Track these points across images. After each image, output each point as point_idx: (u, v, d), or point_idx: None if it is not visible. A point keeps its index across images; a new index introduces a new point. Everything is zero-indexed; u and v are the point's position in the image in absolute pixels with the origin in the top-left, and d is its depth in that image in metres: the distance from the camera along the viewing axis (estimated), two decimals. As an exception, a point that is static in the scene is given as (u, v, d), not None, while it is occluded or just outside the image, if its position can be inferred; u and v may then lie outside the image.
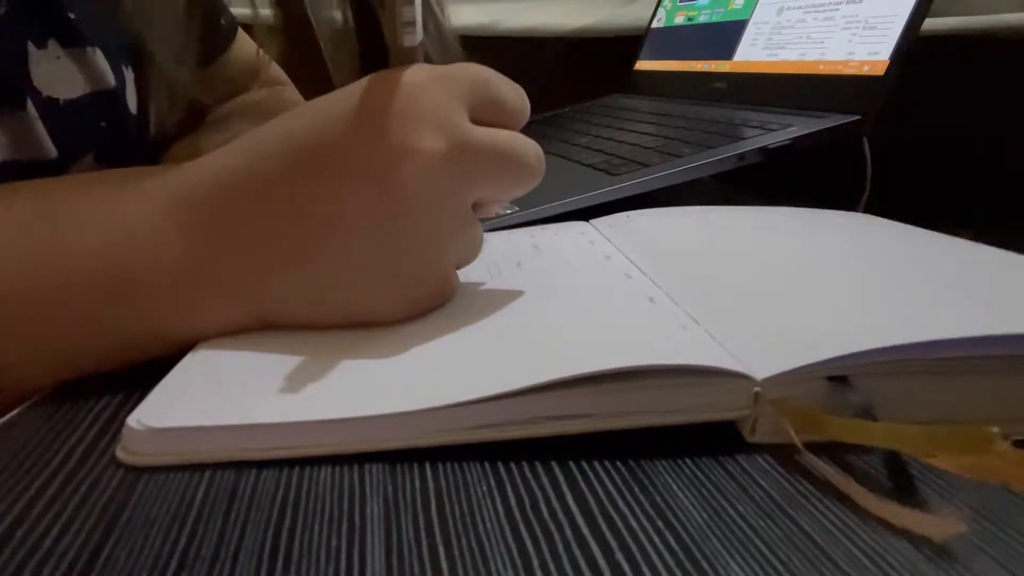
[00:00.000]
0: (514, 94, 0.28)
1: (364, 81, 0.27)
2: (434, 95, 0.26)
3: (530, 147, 0.28)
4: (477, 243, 0.30)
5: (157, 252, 0.26)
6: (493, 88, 0.28)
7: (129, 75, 0.44)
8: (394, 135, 0.25)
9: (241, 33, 0.60)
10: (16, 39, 0.36)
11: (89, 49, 0.40)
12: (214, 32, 0.57)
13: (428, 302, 0.28)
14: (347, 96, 0.26)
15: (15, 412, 0.24)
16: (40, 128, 0.36)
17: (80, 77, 0.39)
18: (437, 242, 0.27)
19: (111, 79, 0.41)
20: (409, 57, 0.27)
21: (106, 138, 0.41)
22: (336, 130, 0.26)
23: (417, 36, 0.28)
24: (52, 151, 0.37)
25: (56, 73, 0.38)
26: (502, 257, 0.35)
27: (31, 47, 0.36)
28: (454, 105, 0.26)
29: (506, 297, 0.30)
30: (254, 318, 0.27)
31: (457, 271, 0.30)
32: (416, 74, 0.27)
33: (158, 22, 0.44)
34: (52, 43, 0.38)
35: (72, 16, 0.38)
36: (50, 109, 0.37)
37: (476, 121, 0.27)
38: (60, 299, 0.25)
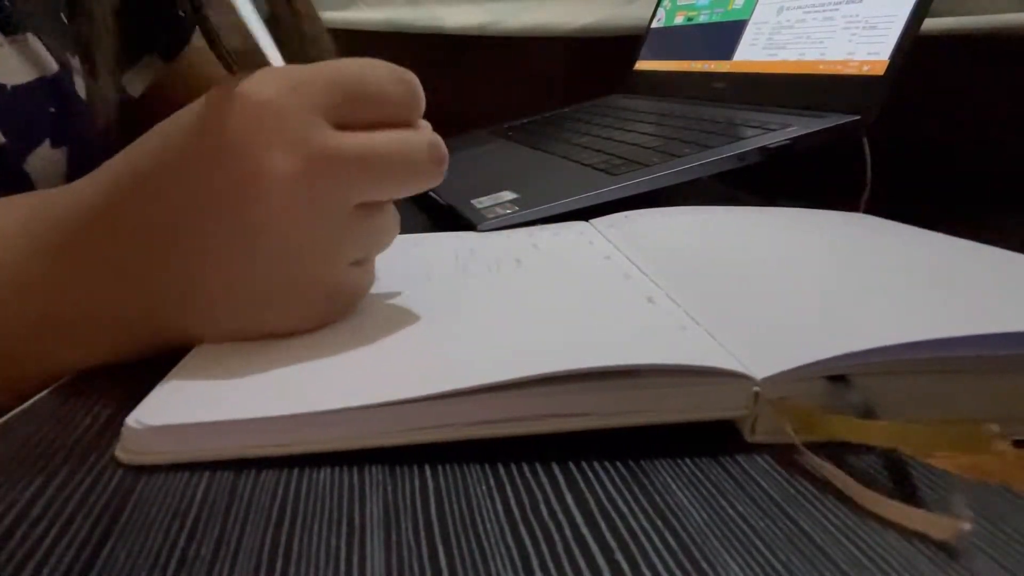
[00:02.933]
0: (394, 85, 0.25)
1: (204, 98, 0.24)
2: (281, 108, 0.24)
3: (416, 143, 0.25)
4: (379, 233, 0.27)
5: (19, 278, 0.25)
6: (359, 84, 0.25)
7: (75, 62, 0.44)
8: (236, 161, 0.23)
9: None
10: None
11: (30, 35, 0.40)
12: (171, 24, 0.56)
13: (334, 306, 0.27)
14: (187, 116, 0.25)
15: (14, 412, 0.24)
16: None
17: (26, 63, 0.40)
18: (315, 252, 0.25)
19: (53, 64, 0.41)
20: (248, 60, 0.25)
21: (57, 123, 0.41)
22: (175, 155, 0.24)
23: (261, 39, 0.25)
24: (0, 137, 0.37)
25: (2, 61, 0.38)
26: (503, 254, 0.35)
27: None
28: (305, 116, 0.24)
29: (505, 294, 0.30)
30: (160, 341, 0.26)
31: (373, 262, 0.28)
32: (261, 85, 0.24)
33: (94, 10, 0.44)
34: None
35: (7, 3, 0.39)
36: None
37: (345, 124, 0.24)
38: None
